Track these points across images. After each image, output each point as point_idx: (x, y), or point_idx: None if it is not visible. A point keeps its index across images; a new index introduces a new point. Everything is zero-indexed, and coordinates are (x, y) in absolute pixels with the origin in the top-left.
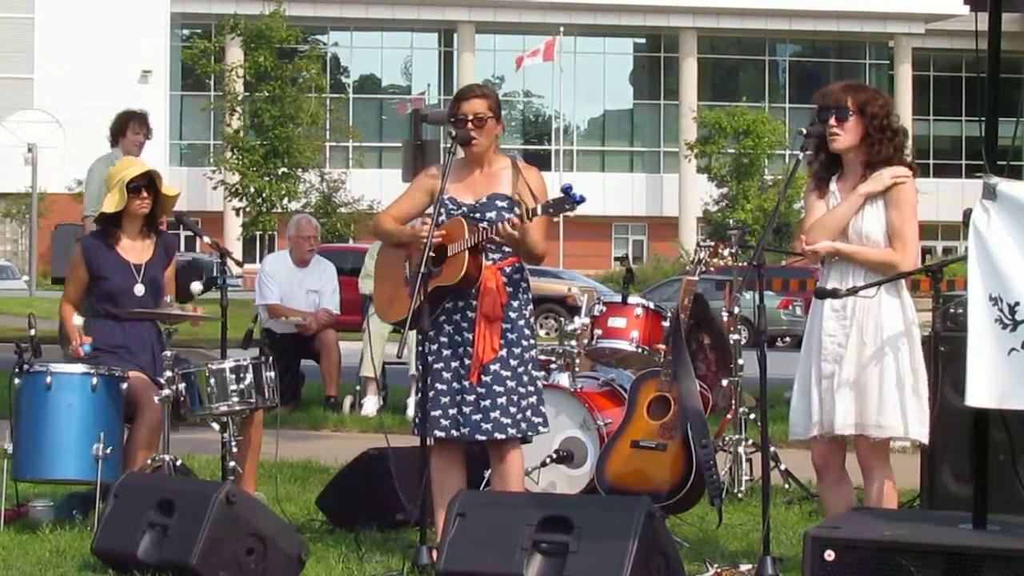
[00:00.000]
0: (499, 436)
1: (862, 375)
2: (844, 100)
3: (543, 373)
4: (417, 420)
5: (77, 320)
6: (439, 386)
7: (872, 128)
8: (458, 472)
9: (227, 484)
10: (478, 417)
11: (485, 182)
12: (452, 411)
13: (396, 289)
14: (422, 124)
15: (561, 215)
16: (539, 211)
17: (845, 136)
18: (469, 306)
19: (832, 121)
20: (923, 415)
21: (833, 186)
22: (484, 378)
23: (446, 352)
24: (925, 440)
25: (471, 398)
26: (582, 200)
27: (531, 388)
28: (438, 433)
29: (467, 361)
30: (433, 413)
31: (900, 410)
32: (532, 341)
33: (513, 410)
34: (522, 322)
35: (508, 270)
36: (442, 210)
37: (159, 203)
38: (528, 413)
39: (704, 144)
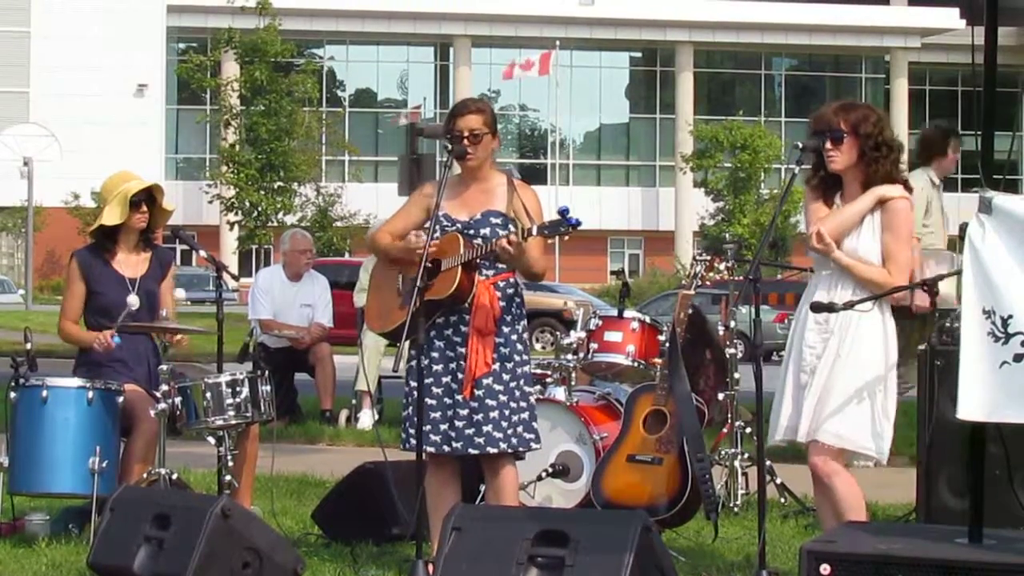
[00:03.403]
0: (492, 450)
1: (830, 385)
2: (837, 122)
3: (537, 388)
4: (404, 435)
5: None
6: (430, 401)
7: (867, 147)
8: (453, 486)
9: (223, 498)
10: (471, 432)
11: (480, 198)
12: (443, 426)
13: (388, 301)
14: (418, 138)
15: (557, 237)
16: (534, 232)
17: (841, 157)
18: (462, 320)
19: (828, 144)
20: (886, 433)
21: (838, 202)
22: (477, 392)
23: (437, 367)
24: (883, 459)
25: (464, 412)
26: (578, 224)
27: (523, 404)
28: (429, 449)
29: (459, 376)
30: (424, 429)
31: (861, 424)
32: (525, 357)
33: (505, 424)
34: (515, 337)
35: (502, 284)
36: (437, 226)
37: (155, 217)
38: (520, 429)
39: (700, 158)
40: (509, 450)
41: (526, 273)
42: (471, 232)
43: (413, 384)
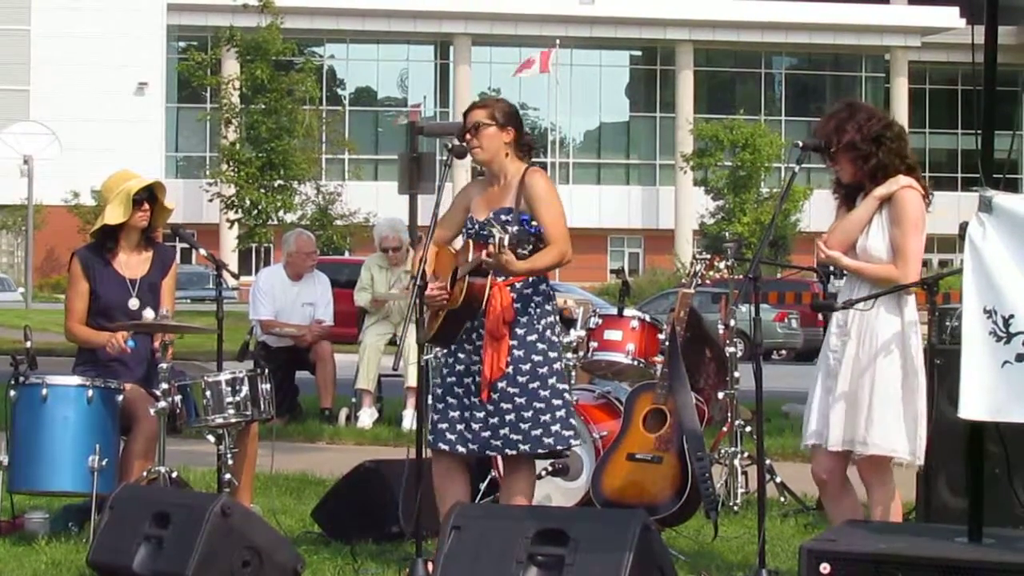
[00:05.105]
0: (510, 452)
1: (855, 391)
2: (822, 135)
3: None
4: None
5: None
6: (450, 400)
7: (847, 150)
8: (459, 479)
9: (223, 496)
10: (487, 434)
11: (498, 196)
12: (460, 427)
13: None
14: (418, 137)
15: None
16: (505, 243)
17: (842, 170)
18: (483, 324)
19: (827, 163)
20: (914, 435)
21: (859, 203)
22: (493, 395)
23: (459, 368)
24: (907, 459)
25: (480, 415)
26: (538, 231)
27: (555, 402)
28: (442, 446)
29: (478, 379)
30: (440, 426)
31: (887, 427)
32: (549, 355)
33: (525, 426)
34: (534, 337)
35: (518, 286)
36: (463, 229)
37: (155, 215)
38: (555, 427)
39: (700, 156)
40: (529, 451)
41: (536, 273)
42: (485, 232)
43: (436, 381)
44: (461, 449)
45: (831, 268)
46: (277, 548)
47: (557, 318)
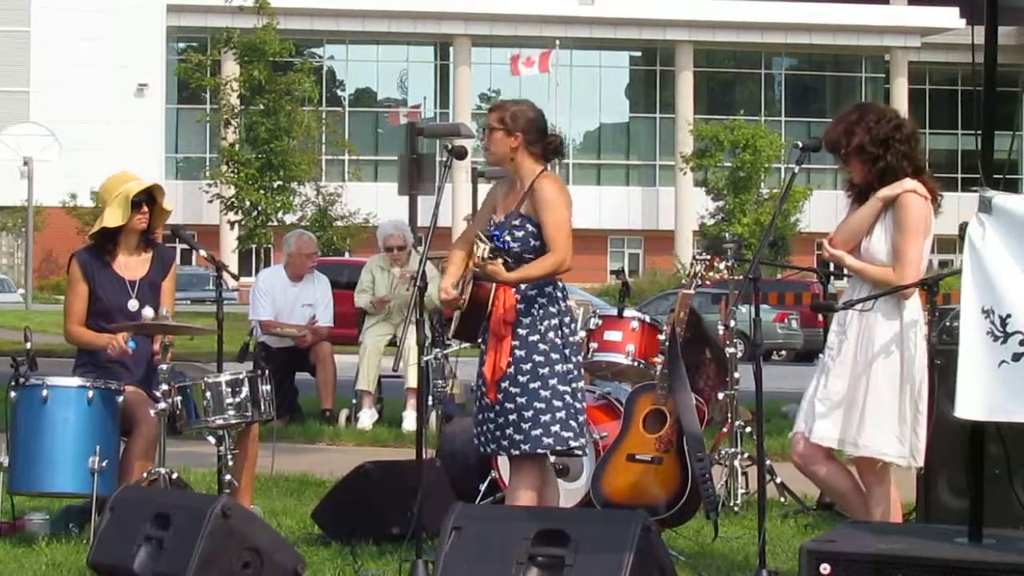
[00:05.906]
0: (514, 452)
1: (852, 392)
2: (834, 139)
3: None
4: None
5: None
6: (476, 403)
7: (856, 152)
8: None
9: (223, 497)
10: (497, 434)
11: (515, 199)
12: (481, 428)
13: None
14: (418, 138)
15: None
16: (487, 253)
17: (853, 171)
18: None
19: (840, 165)
20: (908, 437)
21: None
22: (498, 396)
23: (477, 372)
24: (898, 461)
25: (492, 416)
26: (507, 247)
27: (555, 403)
28: (480, 448)
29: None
30: (475, 429)
31: (878, 430)
32: (551, 356)
33: (526, 426)
34: (535, 338)
35: (522, 287)
36: (481, 232)
37: (154, 217)
38: (555, 428)
39: (700, 157)
40: (530, 451)
41: (522, 283)
42: (496, 235)
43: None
44: (483, 450)
45: (831, 269)
46: (277, 549)
47: (565, 319)
